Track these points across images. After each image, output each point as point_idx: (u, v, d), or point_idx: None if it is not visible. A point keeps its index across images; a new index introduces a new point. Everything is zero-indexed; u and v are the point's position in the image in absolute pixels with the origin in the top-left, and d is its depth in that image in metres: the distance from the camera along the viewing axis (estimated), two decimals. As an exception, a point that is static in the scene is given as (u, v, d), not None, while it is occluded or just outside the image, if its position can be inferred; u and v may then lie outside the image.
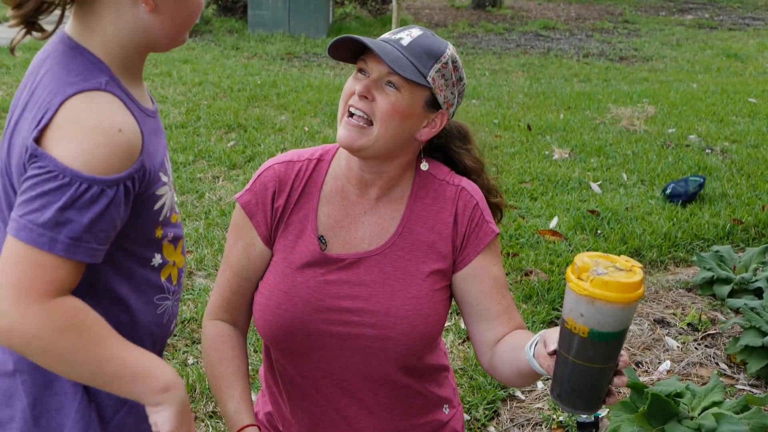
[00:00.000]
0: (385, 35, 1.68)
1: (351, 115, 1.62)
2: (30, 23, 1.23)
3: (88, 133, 1.17)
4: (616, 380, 1.37)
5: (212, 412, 2.94)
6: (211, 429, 2.85)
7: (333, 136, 6.21)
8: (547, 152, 6.02)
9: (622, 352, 1.37)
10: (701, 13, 14.98)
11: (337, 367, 1.72)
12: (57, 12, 1.25)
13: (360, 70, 1.65)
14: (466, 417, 2.93)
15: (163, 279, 1.39)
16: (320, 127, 6.53)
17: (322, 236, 1.72)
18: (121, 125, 1.20)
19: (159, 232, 1.36)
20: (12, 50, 1.32)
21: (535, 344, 1.48)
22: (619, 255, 1.37)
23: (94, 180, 1.16)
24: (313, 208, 1.73)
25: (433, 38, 1.66)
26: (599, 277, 1.28)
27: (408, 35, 1.64)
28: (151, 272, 1.37)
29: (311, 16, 11.20)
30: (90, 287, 1.28)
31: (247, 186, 1.75)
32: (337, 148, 1.77)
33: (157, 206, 1.32)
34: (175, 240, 1.42)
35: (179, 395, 1.30)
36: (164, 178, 1.34)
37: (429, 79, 1.61)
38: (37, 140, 1.17)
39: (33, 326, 1.16)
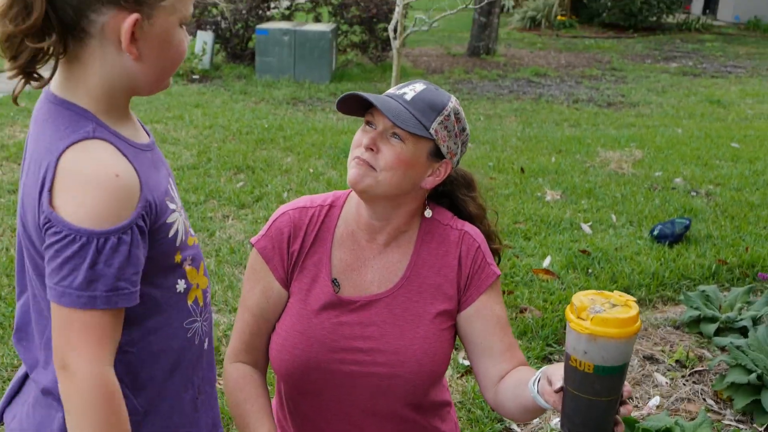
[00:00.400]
0: (391, 90, 1.71)
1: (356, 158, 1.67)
2: (27, 73, 1.25)
3: (89, 189, 1.19)
4: (622, 410, 1.39)
5: None
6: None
7: (337, 177, 6.24)
8: (539, 194, 6.04)
9: (625, 382, 1.38)
10: (685, 61, 15.10)
11: (348, 404, 1.73)
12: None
13: (368, 123, 1.68)
14: (465, 451, 2.92)
15: (189, 303, 1.40)
16: (324, 168, 6.55)
17: (335, 279, 1.74)
18: (116, 170, 1.22)
19: (178, 257, 1.37)
20: (14, 100, 1.34)
21: (538, 381, 1.50)
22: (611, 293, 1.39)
23: (109, 232, 1.18)
24: (326, 253, 1.75)
25: (436, 92, 1.69)
26: (598, 315, 1.31)
27: (412, 90, 1.68)
28: (178, 299, 1.38)
29: (315, 63, 11.28)
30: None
31: (263, 231, 1.78)
32: (347, 195, 1.80)
33: (171, 233, 1.33)
34: (196, 262, 1.42)
35: None
36: (172, 206, 1.35)
37: (432, 131, 1.64)
38: (44, 203, 1.19)
39: (88, 386, 1.20)
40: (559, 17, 19.96)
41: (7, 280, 4.15)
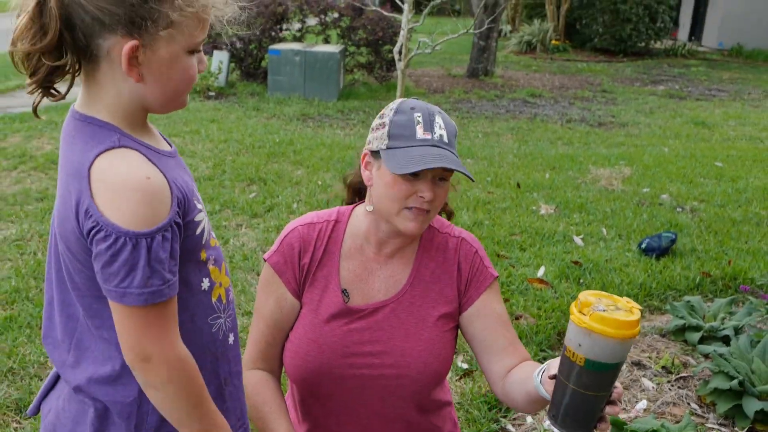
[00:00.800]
0: (422, 133, 1.65)
1: (409, 208, 1.66)
2: (45, 88, 1.28)
3: (125, 194, 1.21)
4: (609, 409, 1.39)
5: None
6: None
7: (340, 188, 6.25)
8: (534, 208, 6.05)
9: (617, 384, 1.39)
10: (672, 85, 15.12)
11: (358, 406, 1.74)
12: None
13: (413, 174, 1.65)
14: (464, 449, 2.93)
15: (213, 300, 1.42)
16: (332, 181, 6.58)
17: (345, 289, 1.75)
18: (146, 174, 1.24)
19: (204, 255, 1.38)
20: (34, 111, 1.36)
21: (543, 372, 1.51)
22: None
23: (154, 231, 1.21)
24: (335, 265, 1.77)
25: (447, 118, 1.71)
26: (598, 312, 1.32)
27: (441, 128, 1.66)
28: (203, 296, 1.39)
29: (324, 82, 11.31)
30: None
31: (275, 247, 1.79)
32: (351, 211, 1.82)
33: (198, 231, 1.35)
34: (218, 262, 1.44)
35: None
36: (199, 206, 1.37)
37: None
38: (89, 211, 1.20)
39: (177, 370, 1.26)
40: (553, 42, 20.02)
41: (34, 282, 4.17)
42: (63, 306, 1.35)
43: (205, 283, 1.39)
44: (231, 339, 1.48)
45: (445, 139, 1.66)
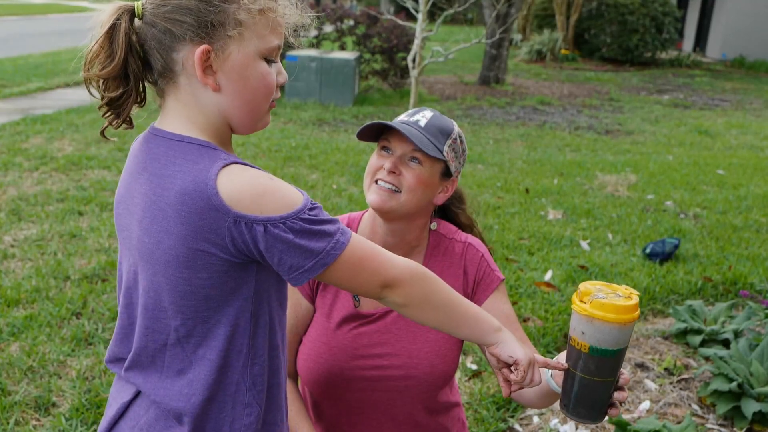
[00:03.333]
0: (403, 117, 1.74)
1: (377, 183, 1.69)
2: (116, 112, 1.27)
3: (267, 193, 1.18)
4: (617, 395, 1.40)
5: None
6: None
7: (358, 193, 6.29)
8: (542, 213, 6.06)
9: (623, 370, 1.40)
10: (677, 94, 15.07)
11: (368, 407, 1.75)
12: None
13: (384, 148, 1.70)
14: (472, 445, 2.94)
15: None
16: (346, 185, 6.61)
17: (356, 295, 1.76)
18: (267, 175, 1.22)
19: None
20: (102, 134, 1.34)
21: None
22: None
23: (306, 203, 1.21)
24: None
25: (442, 118, 1.73)
26: (597, 300, 1.33)
27: (423, 117, 1.71)
28: (285, 315, 1.39)
29: (339, 88, 11.35)
30: (257, 343, 1.30)
31: None
32: (362, 216, 1.83)
33: None
34: None
35: (511, 335, 1.43)
36: None
37: (444, 153, 1.68)
38: (244, 221, 1.17)
39: (418, 276, 1.32)
40: (562, 51, 19.99)
41: (54, 282, 4.20)
42: (175, 335, 1.28)
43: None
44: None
45: (422, 123, 1.68)
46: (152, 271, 1.25)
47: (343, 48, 12.78)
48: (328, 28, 13.25)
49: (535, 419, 3.19)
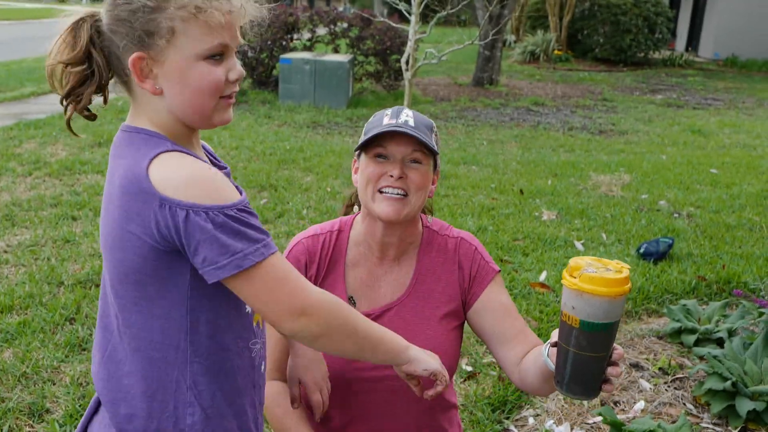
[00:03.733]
0: (389, 120, 1.70)
1: (382, 192, 1.67)
2: (75, 100, 1.30)
3: (198, 181, 1.20)
4: (611, 370, 1.39)
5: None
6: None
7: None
8: (537, 214, 6.06)
9: (616, 345, 1.39)
10: (670, 94, 15.11)
11: (368, 407, 1.75)
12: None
13: (379, 156, 1.68)
14: (467, 446, 2.94)
15: (254, 324, 1.40)
16: (341, 187, 6.60)
17: (351, 297, 1.76)
18: (207, 166, 1.25)
19: None
20: (67, 124, 1.36)
21: (548, 345, 1.51)
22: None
23: (237, 202, 1.22)
24: (340, 274, 1.77)
25: (420, 114, 1.74)
26: (587, 273, 1.32)
27: (408, 117, 1.70)
28: (247, 319, 1.38)
29: (333, 90, 11.35)
30: (196, 340, 1.30)
31: None
32: (353, 220, 1.83)
33: None
34: None
35: (418, 348, 1.45)
36: None
37: (437, 148, 1.71)
38: (168, 206, 1.18)
39: (324, 315, 1.28)
40: (556, 52, 20.02)
41: (48, 287, 4.19)
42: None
43: (248, 306, 1.37)
44: (263, 367, 1.45)
45: (411, 123, 1.67)
46: (105, 258, 1.30)
47: (336, 50, 12.79)
48: (322, 31, 13.24)
49: (531, 420, 3.19)
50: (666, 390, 3.43)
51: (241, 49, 12.06)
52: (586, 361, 1.36)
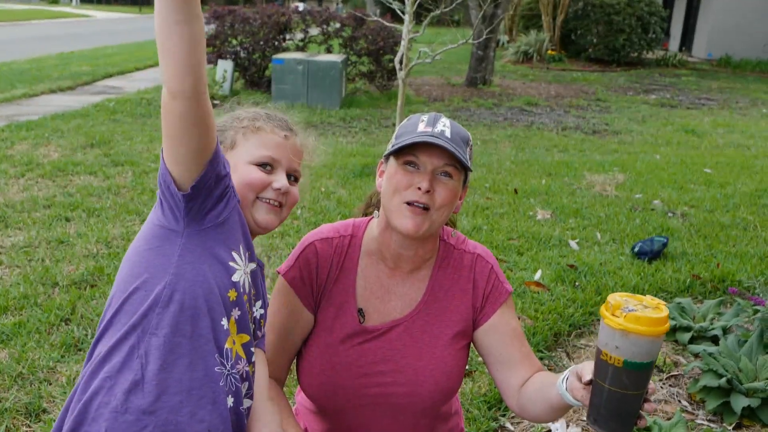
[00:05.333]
0: (425, 128, 1.63)
1: (408, 204, 1.60)
2: None
3: None
4: (646, 406, 1.38)
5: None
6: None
7: (346, 196, 6.30)
8: (531, 213, 6.09)
9: (650, 381, 1.39)
10: (663, 94, 15.18)
11: (369, 421, 1.73)
12: None
13: (409, 163, 1.61)
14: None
15: (226, 346, 1.41)
16: (335, 188, 6.62)
17: (361, 309, 1.71)
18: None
19: (233, 295, 1.42)
20: None
21: (566, 379, 1.48)
22: (601, 302, 1.41)
23: None
24: (351, 283, 1.72)
25: (457, 124, 1.67)
26: (632, 313, 1.31)
27: (445, 126, 1.63)
28: (221, 332, 1.40)
29: (326, 91, 11.37)
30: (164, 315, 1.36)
31: (291, 262, 1.74)
32: (367, 224, 1.78)
33: (231, 264, 1.42)
34: (240, 324, 1.45)
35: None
36: (237, 261, 1.44)
37: (470, 164, 1.64)
38: None
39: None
40: (549, 52, 20.09)
41: (42, 288, 4.19)
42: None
43: (225, 323, 1.39)
44: (231, 401, 1.42)
45: (447, 134, 1.60)
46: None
47: (329, 50, 12.81)
48: (314, 31, 13.26)
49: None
50: (661, 387, 3.46)
51: (233, 50, 12.07)
52: (626, 399, 1.35)
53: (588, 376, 1.40)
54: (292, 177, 1.58)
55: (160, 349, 1.32)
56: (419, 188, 1.59)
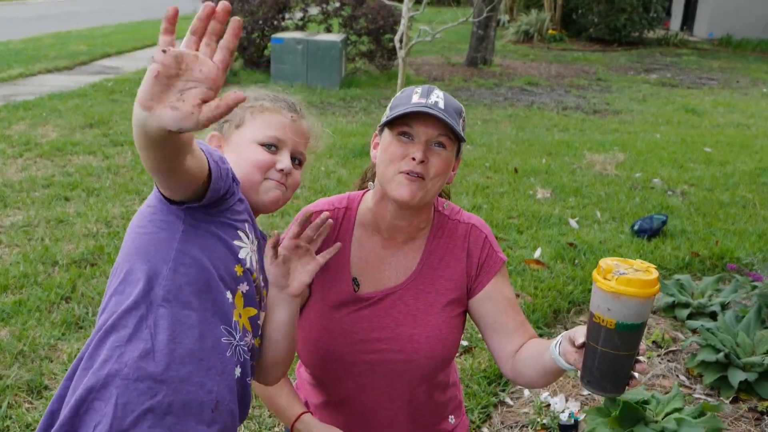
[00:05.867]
0: (418, 99, 1.64)
1: (402, 173, 1.61)
2: None
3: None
4: (637, 366, 1.41)
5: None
6: (243, 428, 2.92)
7: (346, 175, 6.30)
8: (531, 192, 6.11)
9: (641, 342, 1.41)
10: (664, 73, 15.13)
11: (366, 388, 1.75)
12: None
13: (404, 134, 1.63)
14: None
15: (233, 319, 1.42)
16: (335, 167, 6.62)
17: (355, 278, 1.73)
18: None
19: (239, 270, 1.43)
20: None
21: (559, 344, 1.51)
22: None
23: None
24: (346, 252, 1.74)
25: (450, 97, 1.69)
26: (623, 276, 1.34)
27: (438, 98, 1.64)
28: (226, 304, 1.41)
29: (326, 70, 11.32)
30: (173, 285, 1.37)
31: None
32: (362, 197, 1.79)
33: (236, 242, 1.43)
34: (248, 298, 1.46)
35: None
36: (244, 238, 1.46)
37: (463, 134, 1.65)
38: None
39: None
40: (550, 31, 19.99)
41: (42, 267, 4.22)
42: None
43: (229, 297, 1.41)
44: (238, 371, 1.44)
45: (441, 105, 1.61)
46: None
47: (329, 30, 12.74)
48: (314, 10, 13.19)
49: (526, 393, 3.24)
50: (659, 362, 3.49)
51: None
52: (618, 359, 1.39)
53: (581, 339, 1.43)
54: (297, 160, 1.59)
55: (168, 319, 1.33)
56: (413, 158, 1.60)
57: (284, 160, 1.53)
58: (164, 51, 1.01)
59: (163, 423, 1.32)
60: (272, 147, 1.54)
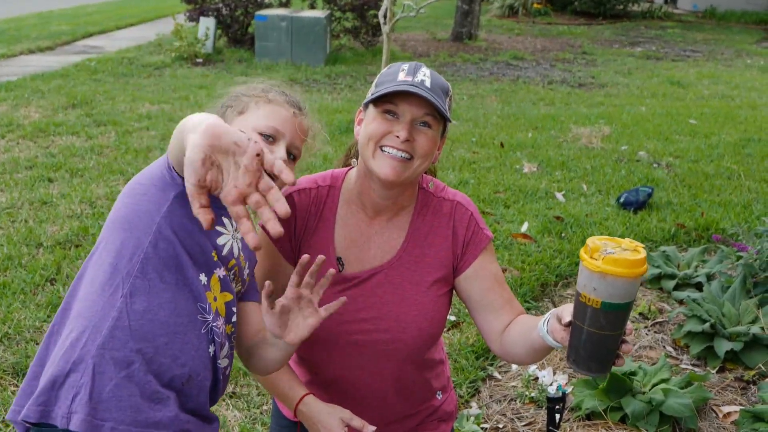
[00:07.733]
0: (405, 77, 1.61)
1: (383, 150, 1.59)
2: None
3: None
4: (623, 346, 1.39)
5: (231, 392, 2.99)
6: (231, 407, 2.90)
7: (332, 153, 6.24)
8: (518, 166, 6.08)
9: (628, 322, 1.39)
10: (649, 46, 15.10)
11: (354, 367, 1.73)
12: None
13: (388, 112, 1.60)
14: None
15: (208, 300, 1.43)
16: (320, 144, 6.55)
17: (339, 258, 1.70)
18: None
19: (215, 256, 1.44)
20: None
21: (548, 322, 1.49)
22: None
23: None
24: (330, 232, 1.71)
25: (438, 75, 1.65)
26: (609, 255, 1.32)
27: (425, 75, 1.61)
28: (199, 285, 1.42)
29: (311, 47, 11.22)
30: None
31: None
32: (345, 174, 1.76)
33: (218, 227, 1.45)
34: (224, 284, 1.46)
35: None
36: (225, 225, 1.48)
37: (449, 114, 1.62)
38: None
39: None
40: (535, 5, 19.88)
41: (26, 249, 4.17)
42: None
43: (203, 279, 1.42)
44: (212, 350, 1.46)
45: (428, 84, 1.58)
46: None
47: (313, 6, 12.62)
48: (297, -13, 13.05)
49: (514, 367, 3.24)
50: (646, 334, 3.50)
51: (215, 7, 11.87)
52: (604, 339, 1.37)
53: (568, 317, 1.41)
54: (291, 156, 1.60)
55: (145, 292, 1.36)
56: (397, 136, 1.58)
57: (279, 151, 1.55)
58: None
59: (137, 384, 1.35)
60: (270, 138, 1.56)
